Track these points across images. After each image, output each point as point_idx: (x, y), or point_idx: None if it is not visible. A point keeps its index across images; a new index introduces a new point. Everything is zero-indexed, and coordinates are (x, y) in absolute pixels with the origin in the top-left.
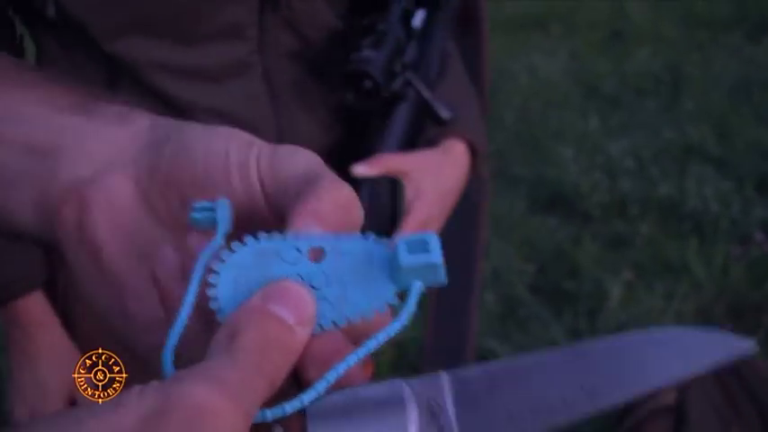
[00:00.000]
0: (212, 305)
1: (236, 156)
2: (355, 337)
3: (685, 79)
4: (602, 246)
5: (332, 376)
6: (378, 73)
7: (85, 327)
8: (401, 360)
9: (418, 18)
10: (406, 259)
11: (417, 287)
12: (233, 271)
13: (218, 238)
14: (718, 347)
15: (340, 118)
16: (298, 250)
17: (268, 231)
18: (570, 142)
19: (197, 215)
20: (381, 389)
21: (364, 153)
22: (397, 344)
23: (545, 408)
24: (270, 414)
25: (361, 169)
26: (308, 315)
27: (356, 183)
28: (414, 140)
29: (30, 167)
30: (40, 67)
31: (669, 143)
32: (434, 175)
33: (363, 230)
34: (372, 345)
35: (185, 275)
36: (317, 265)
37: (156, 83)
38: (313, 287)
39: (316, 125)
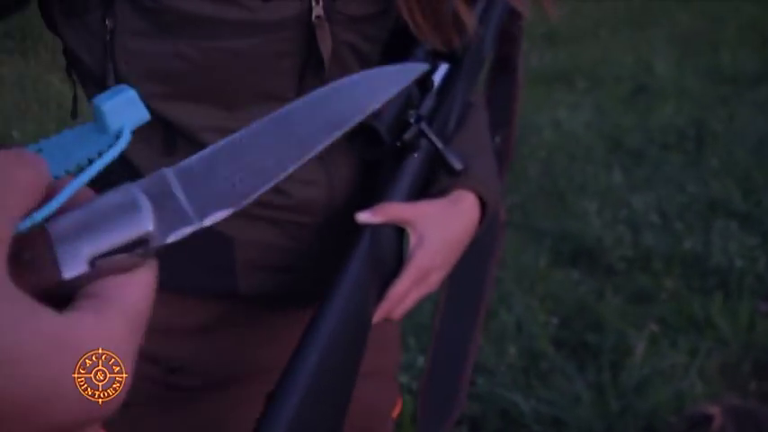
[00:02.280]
0: None
1: None
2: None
3: (710, 134)
4: (626, 300)
5: (63, 196)
6: (383, 127)
7: None
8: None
9: (440, 73)
10: (106, 105)
11: (127, 124)
12: None
13: None
14: (398, 78)
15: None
16: None
17: None
18: (594, 196)
19: None
20: (115, 196)
21: (373, 201)
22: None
23: (260, 169)
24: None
25: (363, 216)
26: (35, 158)
27: (359, 230)
28: (425, 190)
29: None
30: None
31: (693, 198)
32: (439, 224)
33: (366, 280)
34: (94, 169)
35: None
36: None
37: (209, 142)
38: None
39: (356, 166)
